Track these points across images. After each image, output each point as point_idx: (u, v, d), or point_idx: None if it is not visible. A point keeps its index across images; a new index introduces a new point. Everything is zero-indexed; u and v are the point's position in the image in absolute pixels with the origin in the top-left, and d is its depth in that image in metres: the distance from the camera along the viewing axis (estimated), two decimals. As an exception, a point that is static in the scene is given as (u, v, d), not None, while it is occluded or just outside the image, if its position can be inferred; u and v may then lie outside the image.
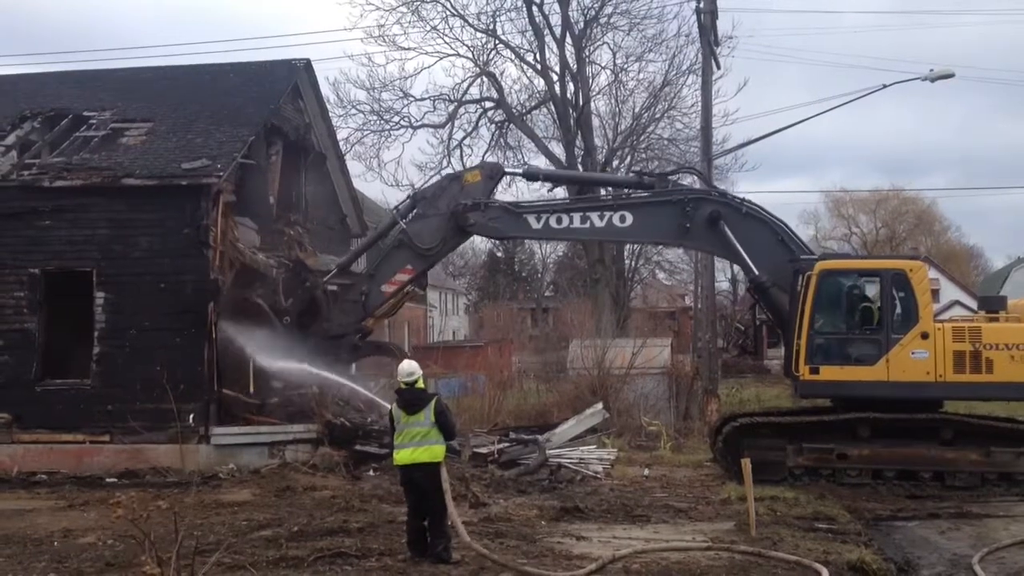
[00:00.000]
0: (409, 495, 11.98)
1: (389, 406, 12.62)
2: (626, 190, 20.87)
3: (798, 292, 17.37)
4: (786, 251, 18.25)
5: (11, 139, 22.57)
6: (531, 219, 19.32)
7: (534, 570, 10.78)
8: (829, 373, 17.09)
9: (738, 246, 18.23)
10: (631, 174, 22.68)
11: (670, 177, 21.45)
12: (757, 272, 18.19)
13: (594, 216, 19.03)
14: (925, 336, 16.75)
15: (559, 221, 19.20)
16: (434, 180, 27.78)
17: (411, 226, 19.31)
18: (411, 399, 11.89)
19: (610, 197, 21.03)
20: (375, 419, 20.82)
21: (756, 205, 18.71)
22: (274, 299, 20.98)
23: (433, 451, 11.72)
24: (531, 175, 21.98)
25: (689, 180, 27.67)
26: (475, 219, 19.10)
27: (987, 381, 16.65)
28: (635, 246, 50.34)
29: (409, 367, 12.10)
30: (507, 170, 21.68)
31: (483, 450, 19.70)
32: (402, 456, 11.82)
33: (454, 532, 11.68)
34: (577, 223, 19.14)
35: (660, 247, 51.23)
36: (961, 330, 16.99)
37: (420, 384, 12.13)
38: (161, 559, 8.55)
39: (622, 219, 18.85)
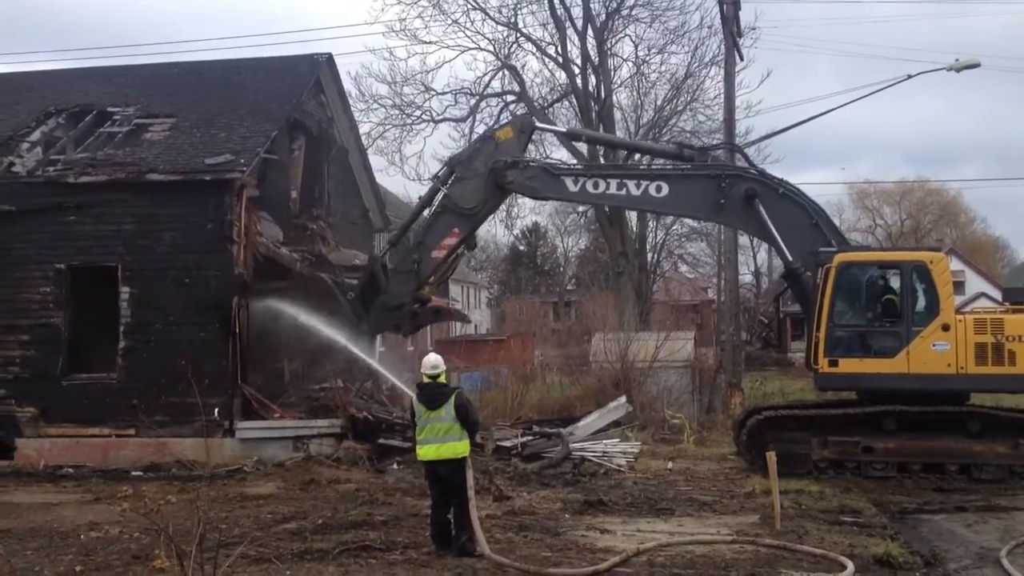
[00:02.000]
0: (434, 488, 11.98)
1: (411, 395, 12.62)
2: (664, 161, 20.65)
3: (818, 284, 17.26)
4: (820, 236, 17.95)
5: (36, 135, 22.76)
6: (568, 181, 19.12)
7: (555, 571, 10.74)
8: (848, 366, 16.96)
9: (772, 227, 17.95)
10: (672, 144, 22.41)
11: (711, 152, 21.15)
12: (791, 258, 17.95)
13: (631, 184, 18.78)
14: (946, 328, 16.60)
15: (596, 186, 18.98)
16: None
17: (452, 190, 19.14)
18: (432, 394, 11.86)
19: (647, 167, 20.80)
20: (399, 413, 20.88)
21: (793, 187, 18.41)
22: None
23: (456, 448, 11.69)
24: (573, 135, 22.17)
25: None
26: (513, 177, 18.91)
27: (1010, 373, 16.49)
28: (658, 237, 50.23)
29: (434, 360, 12.06)
30: (538, 124, 21.58)
31: (506, 443, 19.71)
32: (426, 452, 11.81)
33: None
34: (613, 189, 18.94)
35: (685, 236, 51.21)
36: (983, 322, 16.82)
37: (443, 378, 12.11)
38: (182, 552, 8.55)
39: (658, 189, 18.59)
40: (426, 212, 20.10)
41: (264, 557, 11.27)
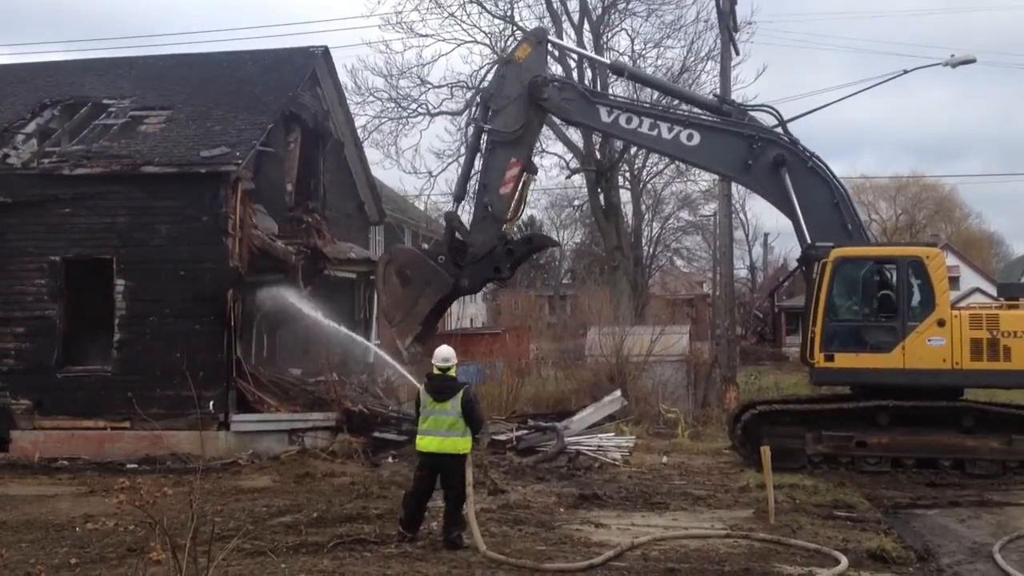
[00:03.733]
0: (421, 479, 11.99)
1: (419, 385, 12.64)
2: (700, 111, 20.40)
3: (813, 279, 17.27)
4: (839, 217, 17.81)
5: (31, 127, 22.71)
6: (603, 111, 19.03)
7: (550, 565, 10.76)
8: (844, 360, 16.98)
9: (794, 199, 17.71)
10: (713, 96, 22.23)
11: (750, 112, 20.88)
12: (810, 239, 17.67)
13: (663, 126, 18.61)
14: (942, 323, 16.62)
15: (628, 121, 18.83)
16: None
17: (493, 124, 18.90)
18: (441, 386, 11.90)
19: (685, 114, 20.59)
20: (394, 406, 20.88)
21: (823, 163, 18.24)
22: (294, 283, 21.16)
23: (458, 445, 11.72)
24: (617, 69, 22.09)
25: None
26: (549, 95, 18.72)
27: (1005, 369, 16.50)
28: (653, 231, 50.28)
29: (446, 353, 12.12)
30: (551, 38, 21.34)
31: (501, 437, 19.74)
32: (427, 443, 11.84)
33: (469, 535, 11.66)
34: (646, 128, 18.73)
35: (682, 230, 51.16)
36: (978, 317, 16.84)
37: (453, 372, 12.15)
38: (176, 545, 8.54)
39: (689, 137, 18.41)
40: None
41: (259, 550, 11.27)
